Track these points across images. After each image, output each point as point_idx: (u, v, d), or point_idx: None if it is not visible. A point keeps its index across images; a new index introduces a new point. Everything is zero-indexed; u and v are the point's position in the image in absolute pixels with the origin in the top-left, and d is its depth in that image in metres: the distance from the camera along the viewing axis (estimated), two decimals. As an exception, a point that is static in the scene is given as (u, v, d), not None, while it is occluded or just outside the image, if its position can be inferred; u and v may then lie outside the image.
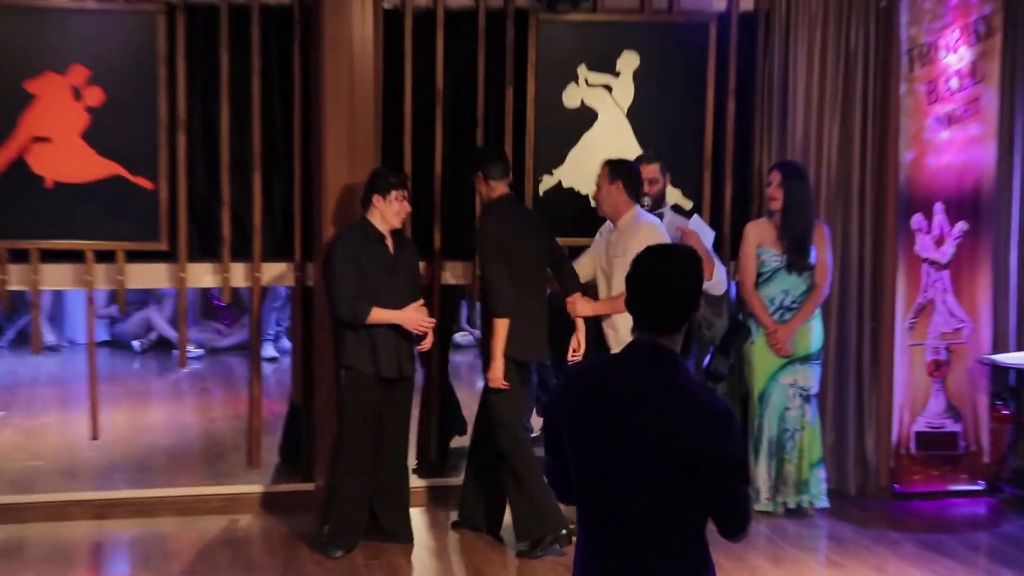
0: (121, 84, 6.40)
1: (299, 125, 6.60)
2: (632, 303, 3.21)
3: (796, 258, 6.65)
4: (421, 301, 6.11)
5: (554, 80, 6.82)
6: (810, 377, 6.74)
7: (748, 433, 6.76)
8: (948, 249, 7.06)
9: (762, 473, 6.75)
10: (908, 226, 7.02)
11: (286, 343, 10.53)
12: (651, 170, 6.55)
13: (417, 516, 6.55)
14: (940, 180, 7.00)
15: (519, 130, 6.81)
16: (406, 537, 6.23)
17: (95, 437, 6.75)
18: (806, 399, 6.75)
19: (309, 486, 6.62)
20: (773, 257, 6.69)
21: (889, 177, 7.01)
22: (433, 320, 6.11)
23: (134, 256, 6.52)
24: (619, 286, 6.19)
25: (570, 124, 6.86)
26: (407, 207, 6.03)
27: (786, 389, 6.73)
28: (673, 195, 6.99)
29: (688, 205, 7.00)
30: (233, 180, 6.57)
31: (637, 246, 6.04)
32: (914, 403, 7.11)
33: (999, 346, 7.26)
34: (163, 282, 6.71)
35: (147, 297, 11.24)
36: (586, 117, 6.90)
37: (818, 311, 6.77)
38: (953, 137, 7.00)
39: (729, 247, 7.07)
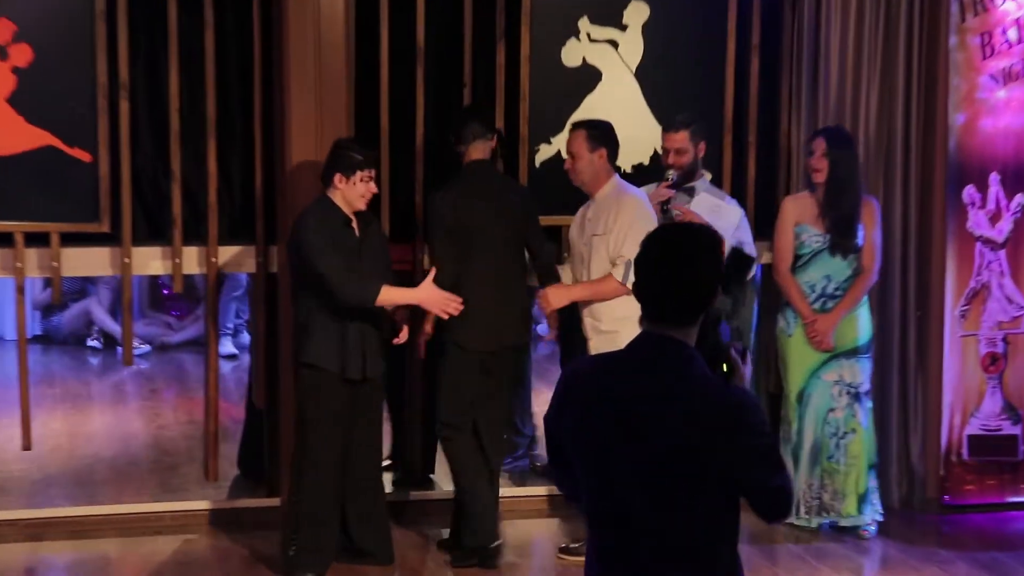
0: (53, 41, 6.32)
1: (259, 88, 6.54)
2: (640, 290, 3.20)
3: (841, 239, 6.59)
4: (433, 272, 6.02)
5: (552, 35, 6.77)
6: (859, 372, 6.69)
7: (783, 440, 6.70)
8: (1005, 226, 7.01)
9: (801, 484, 6.70)
10: (959, 200, 6.98)
11: (247, 337, 10.47)
12: (678, 139, 6.48)
13: (401, 535, 6.51)
14: (996, 146, 6.95)
15: (512, 93, 6.76)
16: (385, 558, 6.19)
17: (27, 447, 6.70)
18: (855, 397, 6.68)
19: (273, 501, 6.58)
20: (814, 237, 6.62)
21: (937, 144, 6.98)
22: (459, 299, 5.96)
23: (70, 239, 6.46)
24: (600, 269, 6.08)
25: (570, 85, 6.82)
26: (373, 188, 5.95)
27: (830, 387, 6.68)
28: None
29: (707, 176, 6.90)
30: (184, 152, 6.51)
31: (626, 222, 5.97)
32: (966, 403, 7.07)
33: (1063, 336, 7.21)
34: (104, 269, 6.67)
35: (87, 286, 11.18)
36: (589, 77, 6.84)
37: (866, 299, 6.72)
38: (1011, 97, 6.96)
39: (753, 224, 6.98)
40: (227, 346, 10.39)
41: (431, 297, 5.95)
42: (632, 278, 3.23)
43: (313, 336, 5.90)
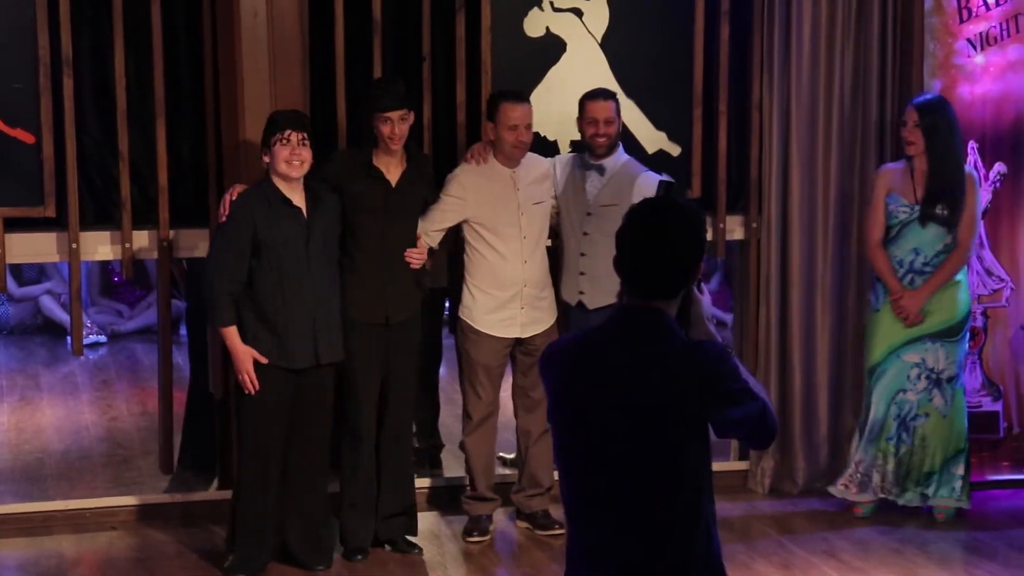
0: (-9, 16, 6.32)
1: (210, 64, 6.55)
2: (623, 266, 3.40)
3: (948, 212, 6.59)
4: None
5: (514, 4, 6.79)
6: (943, 358, 6.69)
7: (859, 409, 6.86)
8: (984, 196, 7.03)
9: (852, 455, 6.80)
10: (936, 169, 7.01)
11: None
12: (609, 108, 6.42)
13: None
14: (973, 114, 6.99)
15: (473, 65, 6.78)
16: (320, 561, 6.17)
17: (-26, 442, 6.69)
18: (935, 382, 6.71)
19: (228, 494, 6.47)
20: (901, 208, 6.67)
21: (913, 112, 7.01)
22: (249, 382, 5.92)
23: (14, 224, 6.46)
24: None
25: (534, 57, 6.84)
26: (297, 151, 5.88)
27: (908, 368, 6.71)
28: (658, 139, 6.98)
29: (675, 151, 6.98)
30: (132, 132, 6.51)
31: None
32: (946, 379, 7.12)
33: (1045, 309, 7.29)
34: (51, 255, 6.66)
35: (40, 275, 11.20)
36: (553, 48, 6.87)
37: (963, 278, 6.74)
38: (989, 62, 7.02)
39: (726, 198, 7.05)
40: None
41: (237, 356, 5.91)
42: None
43: (248, 323, 5.94)
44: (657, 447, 3.31)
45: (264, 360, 5.89)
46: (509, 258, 6.35)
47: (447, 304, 7.64)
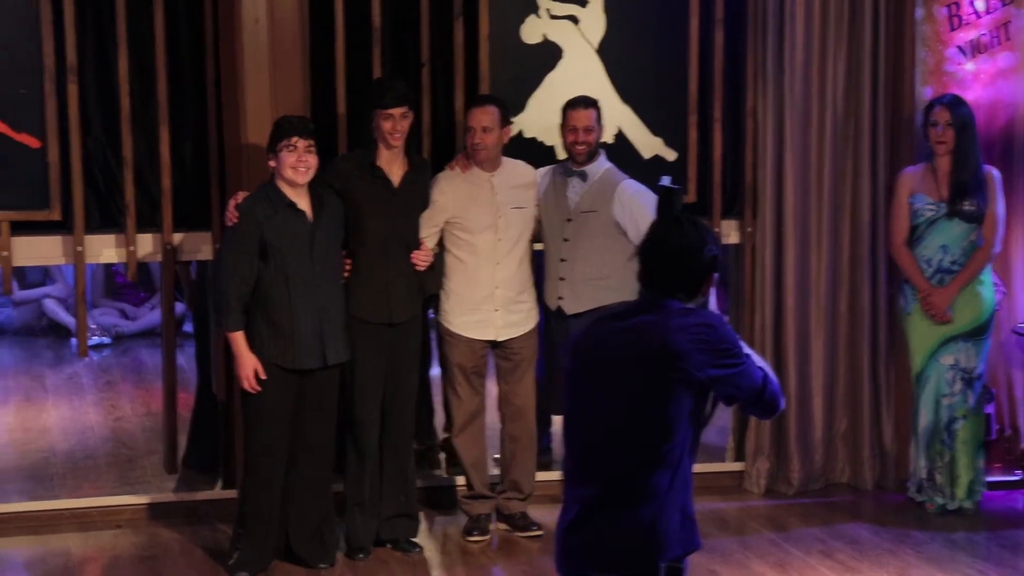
0: (-3, 24, 6.32)
1: (212, 70, 6.58)
2: (649, 275, 3.79)
3: (973, 203, 6.67)
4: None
5: (511, 11, 6.83)
6: (974, 356, 6.77)
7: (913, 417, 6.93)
8: (978, 200, 7.06)
9: (914, 463, 6.88)
10: (928, 175, 7.03)
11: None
12: (589, 116, 6.41)
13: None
14: (965, 120, 7.01)
15: (471, 73, 6.80)
16: (323, 559, 6.18)
17: (-20, 442, 6.72)
18: (968, 383, 6.78)
19: (232, 493, 6.59)
20: (928, 206, 6.74)
21: (904, 118, 7.06)
22: (249, 387, 5.96)
23: (21, 228, 6.48)
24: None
25: (531, 63, 6.87)
26: (304, 157, 5.90)
27: (946, 372, 6.78)
28: (654, 145, 7.00)
29: (671, 156, 7.01)
30: (136, 136, 6.54)
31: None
32: (939, 381, 7.15)
33: (1035, 313, 7.32)
34: (57, 258, 6.68)
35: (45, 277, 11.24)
36: (549, 55, 6.90)
37: (988, 277, 6.80)
38: (979, 69, 7.05)
39: (721, 203, 7.08)
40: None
41: (246, 367, 5.93)
42: None
43: (257, 325, 5.95)
44: (652, 400, 3.65)
45: (264, 376, 5.92)
46: (482, 259, 6.36)
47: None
